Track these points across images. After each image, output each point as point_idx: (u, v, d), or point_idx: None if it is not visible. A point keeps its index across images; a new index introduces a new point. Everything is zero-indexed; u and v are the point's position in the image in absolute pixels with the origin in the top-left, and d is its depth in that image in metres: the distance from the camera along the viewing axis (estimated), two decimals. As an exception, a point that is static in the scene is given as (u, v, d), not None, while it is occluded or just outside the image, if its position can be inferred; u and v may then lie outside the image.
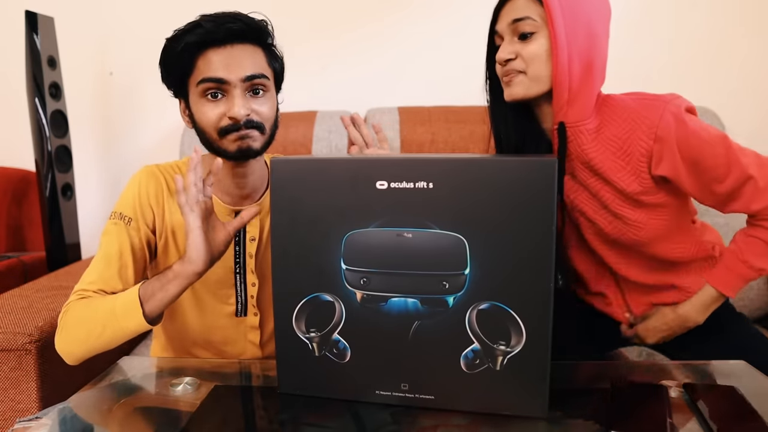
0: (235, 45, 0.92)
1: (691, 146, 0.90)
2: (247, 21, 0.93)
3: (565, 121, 0.93)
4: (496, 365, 0.70)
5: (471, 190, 0.68)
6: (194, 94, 0.94)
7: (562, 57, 0.89)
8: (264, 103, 0.95)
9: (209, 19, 0.91)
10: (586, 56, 0.90)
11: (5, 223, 1.94)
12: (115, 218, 0.98)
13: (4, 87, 2.04)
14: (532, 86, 0.92)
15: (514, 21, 0.91)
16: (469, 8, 1.96)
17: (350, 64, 2.01)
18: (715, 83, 1.94)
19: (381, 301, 0.72)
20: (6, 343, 1.11)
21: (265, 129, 0.95)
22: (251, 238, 1.03)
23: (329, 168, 0.72)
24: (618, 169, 0.94)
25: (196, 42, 0.91)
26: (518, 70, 0.92)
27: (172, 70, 0.95)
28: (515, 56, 0.92)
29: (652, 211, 0.97)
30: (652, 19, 1.93)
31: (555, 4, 0.88)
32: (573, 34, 0.88)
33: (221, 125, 0.93)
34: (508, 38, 0.93)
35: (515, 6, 0.92)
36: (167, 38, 0.94)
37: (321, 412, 0.74)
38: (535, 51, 0.90)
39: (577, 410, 0.74)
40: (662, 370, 0.89)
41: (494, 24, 0.96)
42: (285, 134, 1.79)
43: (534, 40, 0.90)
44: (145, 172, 1.02)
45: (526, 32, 0.91)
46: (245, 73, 0.92)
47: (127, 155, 2.09)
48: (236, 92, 0.92)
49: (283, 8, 1.98)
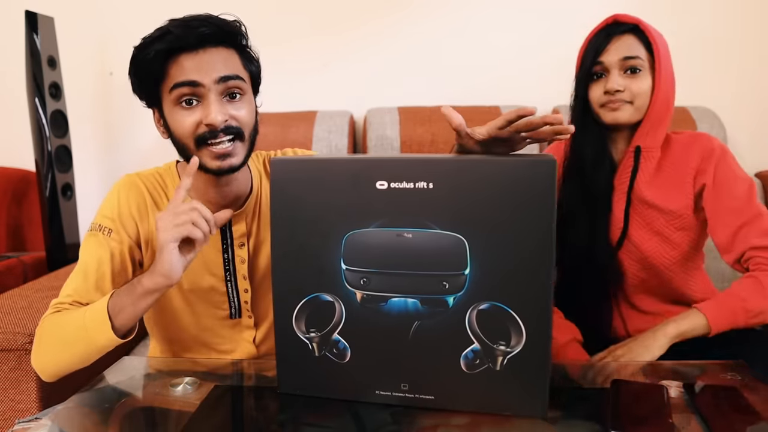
0: (207, 49, 0.88)
1: (725, 173, 1.07)
2: (219, 24, 0.89)
3: (641, 145, 1.10)
4: (496, 365, 0.70)
5: (471, 190, 0.68)
6: (168, 103, 0.90)
7: (660, 95, 1.06)
8: (242, 107, 0.91)
9: (178, 24, 0.87)
10: (669, 95, 1.08)
11: (5, 223, 1.94)
12: (94, 229, 0.95)
13: (4, 87, 2.04)
14: (635, 114, 1.08)
15: (626, 58, 1.06)
16: (470, 8, 1.96)
17: (350, 64, 2.01)
18: (715, 83, 1.94)
19: (381, 301, 0.72)
20: (6, 343, 1.11)
21: (244, 135, 0.91)
22: (240, 244, 1.00)
23: (329, 168, 0.72)
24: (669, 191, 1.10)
25: (166, 49, 0.86)
26: (626, 100, 1.07)
27: (143, 79, 0.91)
28: (624, 89, 1.06)
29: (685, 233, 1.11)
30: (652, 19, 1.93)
31: (661, 51, 1.06)
32: (666, 77, 1.07)
33: (198, 133, 0.88)
34: (617, 71, 1.07)
35: (626, 44, 1.07)
36: (135, 47, 0.89)
37: (321, 412, 0.74)
38: (642, 87, 1.07)
39: (577, 410, 0.74)
40: (662, 370, 0.89)
41: (598, 55, 1.08)
42: (285, 134, 1.79)
43: (641, 77, 1.07)
44: (125, 182, 0.99)
45: (636, 68, 1.06)
46: (219, 74, 0.88)
47: (127, 155, 2.09)
48: (211, 96, 0.88)
49: (284, 8, 1.99)
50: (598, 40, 1.08)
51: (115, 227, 0.94)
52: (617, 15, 1.09)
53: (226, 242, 1.00)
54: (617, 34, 1.07)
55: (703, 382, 0.83)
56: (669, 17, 1.92)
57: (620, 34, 1.07)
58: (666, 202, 1.09)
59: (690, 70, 1.92)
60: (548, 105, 1.95)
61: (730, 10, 1.92)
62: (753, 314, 0.98)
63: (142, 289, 0.80)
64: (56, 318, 0.87)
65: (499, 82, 1.98)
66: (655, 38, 1.06)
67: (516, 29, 1.97)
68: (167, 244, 0.78)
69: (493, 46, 1.98)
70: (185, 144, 0.90)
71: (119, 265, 0.94)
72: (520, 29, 1.97)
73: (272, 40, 1.97)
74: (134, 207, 0.96)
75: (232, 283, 1.01)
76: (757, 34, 1.93)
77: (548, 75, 1.97)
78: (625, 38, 1.07)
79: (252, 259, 1.02)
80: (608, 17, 1.10)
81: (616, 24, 1.08)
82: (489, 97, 1.96)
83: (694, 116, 1.79)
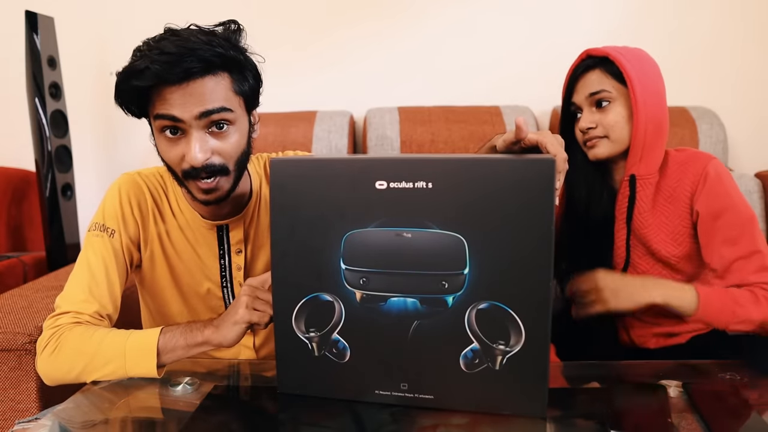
0: (191, 82, 0.82)
1: (720, 201, 1.02)
2: (208, 56, 0.82)
3: (636, 174, 1.06)
4: (496, 365, 0.70)
5: (470, 190, 0.68)
6: (155, 127, 0.87)
7: (640, 122, 1.02)
8: (228, 139, 0.87)
9: (161, 59, 0.79)
10: (656, 118, 1.03)
11: (5, 223, 1.94)
12: (97, 230, 0.93)
13: (4, 87, 2.04)
14: (615, 147, 1.06)
15: (591, 94, 1.05)
16: (469, 8, 1.96)
17: (350, 64, 2.01)
18: (715, 83, 1.94)
19: (380, 301, 0.72)
20: (6, 343, 1.11)
21: (229, 170, 0.88)
22: (237, 251, 1.00)
23: (329, 168, 0.72)
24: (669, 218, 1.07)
25: (146, 86, 0.82)
26: (600, 135, 1.05)
27: (128, 107, 0.87)
28: (595, 125, 1.05)
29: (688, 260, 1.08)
30: (652, 19, 1.93)
31: (634, 79, 1.01)
32: (646, 101, 1.02)
33: (182, 168, 0.87)
34: (587, 109, 1.06)
35: (590, 80, 1.05)
36: (117, 74, 0.84)
37: (321, 412, 0.74)
38: (614, 119, 1.04)
39: (577, 410, 0.74)
40: (662, 370, 0.89)
41: (570, 96, 1.09)
42: (285, 134, 1.80)
43: (611, 109, 1.04)
44: (125, 180, 0.97)
45: (603, 101, 1.04)
46: (200, 109, 0.83)
47: (127, 155, 2.09)
48: (193, 133, 0.84)
49: (284, 8, 1.99)
50: (570, 81, 1.08)
51: (118, 228, 0.94)
52: (588, 50, 1.06)
53: (223, 248, 0.99)
54: (583, 71, 1.06)
55: (703, 382, 0.83)
56: (669, 17, 1.92)
57: (585, 72, 1.06)
58: (666, 229, 1.07)
59: (690, 70, 1.92)
60: (547, 105, 1.95)
61: (730, 10, 1.92)
62: (739, 320, 0.95)
63: (203, 339, 0.82)
64: (83, 333, 0.84)
65: (499, 82, 1.99)
66: (625, 65, 1.01)
67: (515, 29, 1.97)
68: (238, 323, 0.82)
69: (493, 46, 1.98)
70: (174, 171, 0.89)
71: (123, 267, 0.95)
72: (519, 29, 1.97)
73: (272, 41, 1.97)
74: (136, 208, 0.96)
75: (228, 289, 1.01)
76: (757, 34, 1.93)
77: (548, 75, 1.96)
78: (589, 75, 1.05)
79: (249, 266, 1.02)
80: (582, 52, 1.08)
81: (589, 58, 1.06)
82: (489, 97, 1.96)
83: (694, 116, 1.79)
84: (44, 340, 0.86)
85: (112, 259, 0.92)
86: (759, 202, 1.61)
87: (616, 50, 1.03)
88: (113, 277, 0.92)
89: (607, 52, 1.03)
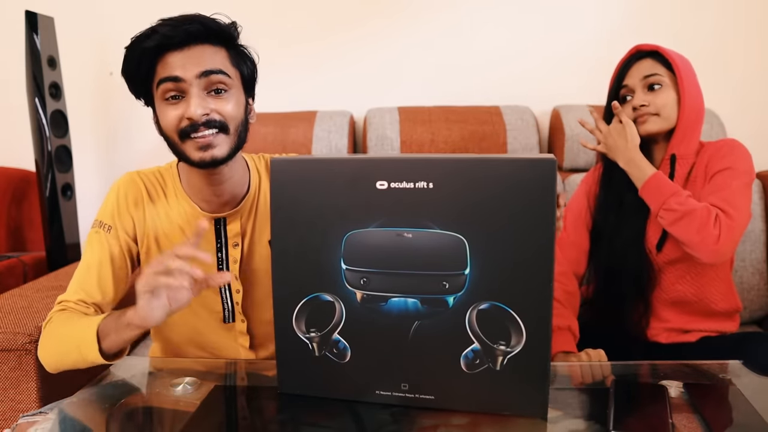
0: (193, 47, 0.89)
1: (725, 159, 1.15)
2: (206, 22, 0.90)
3: (676, 153, 1.19)
4: (496, 365, 0.70)
5: (471, 190, 0.68)
6: (157, 100, 0.91)
7: (686, 106, 1.16)
8: (227, 103, 0.91)
9: (166, 23, 0.88)
10: (697, 105, 1.18)
11: (5, 223, 1.93)
12: (96, 226, 0.98)
13: (4, 87, 2.03)
14: (664, 124, 1.18)
15: (646, 77, 1.18)
16: (469, 8, 1.96)
17: (351, 64, 2.01)
18: (715, 83, 1.93)
19: (381, 301, 0.72)
20: (6, 343, 1.11)
21: (228, 128, 0.91)
22: (234, 244, 1.00)
23: (329, 168, 0.72)
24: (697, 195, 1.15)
25: (153, 47, 0.88)
26: (652, 113, 1.17)
27: (134, 78, 0.92)
28: (648, 104, 1.17)
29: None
30: (653, 20, 1.93)
31: (680, 68, 1.16)
32: (690, 90, 1.16)
33: (181, 127, 0.89)
34: (640, 90, 1.19)
35: (645, 65, 1.19)
36: (125, 47, 0.90)
37: (321, 412, 0.75)
38: (665, 100, 1.17)
39: (577, 410, 0.74)
40: (662, 370, 0.89)
41: (622, 79, 1.21)
42: (285, 134, 1.79)
43: (663, 91, 1.17)
44: (124, 179, 1.00)
45: (657, 84, 1.17)
46: (200, 69, 0.88)
47: (127, 155, 2.09)
48: (193, 91, 0.88)
49: (284, 8, 1.99)
50: (622, 68, 1.21)
51: (114, 224, 0.97)
52: (639, 45, 1.20)
53: (221, 241, 1.00)
54: (637, 59, 1.19)
55: (703, 382, 0.84)
56: (670, 18, 1.92)
57: (640, 59, 1.19)
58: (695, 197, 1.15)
59: (690, 70, 1.92)
60: (548, 105, 1.95)
61: (731, 10, 1.92)
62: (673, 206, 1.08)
63: (126, 321, 0.80)
64: (60, 320, 0.90)
65: (499, 82, 1.98)
66: (674, 58, 1.16)
67: (516, 29, 1.97)
68: (140, 294, 0.76)
69: (493, 46, 1.98)
70: (171, 138, 0.91)
71: (119, 262, 0.97)
72: (519, 29, 1.97)
73: (272, 41, 1.97)
74: (132, 203, 0.99)
75: None
76: (757, 34, 1.93)
77: (548, 75, 1.97)
78: (644, 62, 1.18)
79: (245, 259, 1.02)
80: (632, 48, 1.21)
81: (639, 52, 1.20)
82: (489, 97, 1.96)
83: (694, 116, 1.78)
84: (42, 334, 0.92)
85: (106, 252, 0.96)
86: (759, 202, 1.60)
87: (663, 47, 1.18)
88: (105, 269, 0.96)
89: (657, 47, 1.18)
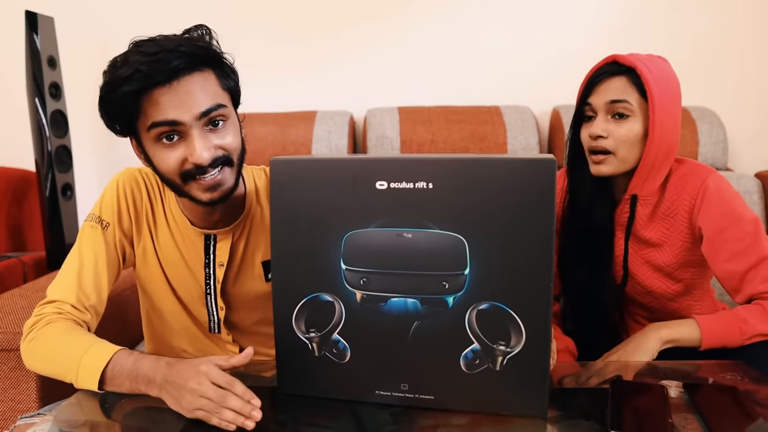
0: (181, 79, 0.81)
1: (725, 217, 0.98)
2: (190, 51, 0.81)
3: (638, 194, 1.05)
4: (496, 365, 0.70)
5: (471, 191, 0.68)
6: (147, 139, 0.84)
7: (653, 145, 0.99)
8: (227, 134, 0.86)
9: (145, 60, 0.79)
10: (669, 141, 1.00)
11: (5, 223, 1.93)
12: (93, 221, 0.94)
13: (4, 87, 2.03)
14: (620, 166, 1.02)
15: (612, 102, 1.00)
16: (469, 8, 1.96)
17: (351, 64, 2.01)
18: (715, 83, 1.94)
19: (381, 301, 0.72)
20: (6, 343, 1.11)
21: (233, 161, 0.87)
22: (219, 264, 0.97)
23: (329, 168, 0.72)
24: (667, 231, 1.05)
25: (136, 90, 0.80)
26: (608, 148, 1.01)
27: (116, 118, 0.85)
28: (607, 135, 1.00)
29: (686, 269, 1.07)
30: (653, 19, 1.93)
31: (657, 99, 0.97)
32: (663, 123, 0.98)
33: (184, 169, 0.84)
34: (602, 116, 1.01)
35: (614, 86, 1.00)
36: (101, 86, 0.83)
37: (321, 412, 0.75)
38: (626, 134, 0.99)
39: (577, 410, 0.74)
40: (662, 370, 0.89)
41: (587, 95, 1.03)
42: (285, 134, 1.79)
43: (627, 122, 0.99)
44: (125, 175, 0.98)
45: (622, 113, 0.99)
46: (200, 109, 0.82)
47: (127, 155, 2.07)
48: (194, 133, 0.82)
49: (284, 8, 1.99)
50: (591, 80, 1.03)
51: (113, 222, 0.95)
52: (616, 55, 1.01)
53: (209, 258, 0.98)
54: (609, 75, 1.00)
55: (703, 382, 0.84)
56: (670, 17, 1.92)
57: (611, 76, 1.00)
58: (664, 242, 1.06)
59: (690, 70, 1.92)
60: (547, 105, 1.95)
61: (731, 10, 1.92)
62: (748, 336, 0.94)
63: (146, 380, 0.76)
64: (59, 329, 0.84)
65: (498, 82, 1.98)
66: (651, 83, 0.97)
67: (515, 29, 1.97)
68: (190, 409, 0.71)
69: (493, 46, 1.98)
70: (171, 180, 0.86)
71: (113, 262, 0.95)
72: (519, 29, 1.97)
73: (272, 41, 1.97)
74: (131, 203, 0.97)
75: (211, 297, 0.99)
76: (757, 34, 1.93)
77: (548, 75, 1.97)
78: (615, 80, 1.00)
79: (231, 281, 0.99)
80: (608, 56, 1.02)
81: (614, 64, 1.01)
82: (489, 97, 1.96)
83: (694, 116, 1.79)
84: (28, 327, 0.88)
85: (102, 251, 0.93)
86: (759, 202, 1.61)
87: (643, 63, 0.98)
88: (101, 269, 0.93)
89: (635, 65, 0.98)
